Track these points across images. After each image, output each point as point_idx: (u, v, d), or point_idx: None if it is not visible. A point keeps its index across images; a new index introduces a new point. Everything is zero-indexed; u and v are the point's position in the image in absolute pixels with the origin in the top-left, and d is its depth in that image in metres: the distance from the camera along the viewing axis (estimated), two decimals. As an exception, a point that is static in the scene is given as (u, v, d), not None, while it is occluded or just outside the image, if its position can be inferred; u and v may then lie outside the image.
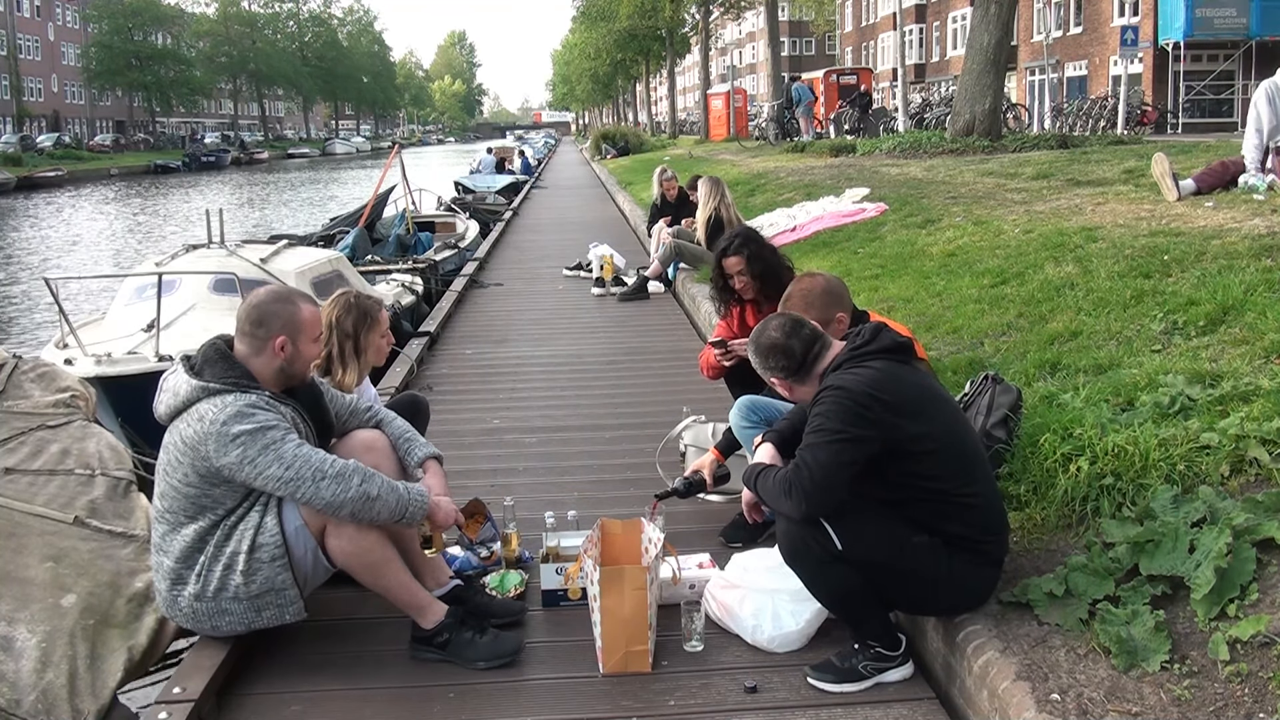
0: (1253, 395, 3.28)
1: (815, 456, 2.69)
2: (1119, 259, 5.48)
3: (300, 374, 3.09)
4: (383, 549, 2.99)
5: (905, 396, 2.72)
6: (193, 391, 2.89)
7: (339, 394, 3.40)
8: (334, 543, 2.94)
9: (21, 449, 3.89)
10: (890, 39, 45.74)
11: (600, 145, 39.71)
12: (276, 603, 2.95)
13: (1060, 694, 2.43)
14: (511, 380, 6.72)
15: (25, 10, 65.98)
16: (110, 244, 23.58)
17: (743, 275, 4.47)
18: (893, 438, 2.69)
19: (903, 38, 22.71)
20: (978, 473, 2.81)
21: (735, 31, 78.77)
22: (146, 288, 7.17)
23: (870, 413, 2.67)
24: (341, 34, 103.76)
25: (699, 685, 2.91)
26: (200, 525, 2.94)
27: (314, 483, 2.84)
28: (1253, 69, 24.88)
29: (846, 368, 2.78)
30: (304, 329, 3.01)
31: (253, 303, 3.02)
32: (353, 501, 2.87)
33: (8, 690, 3.08)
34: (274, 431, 2.84)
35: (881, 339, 2.82)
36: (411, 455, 3.30)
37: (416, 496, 3.01)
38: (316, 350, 3.12)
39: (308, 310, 3.06)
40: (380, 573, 3.00)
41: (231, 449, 2.81)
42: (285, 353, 2.98)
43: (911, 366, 2.85)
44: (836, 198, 10.90)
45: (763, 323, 2.99)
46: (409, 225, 12.74)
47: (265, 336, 2.96)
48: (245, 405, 2.86)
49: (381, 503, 2.91)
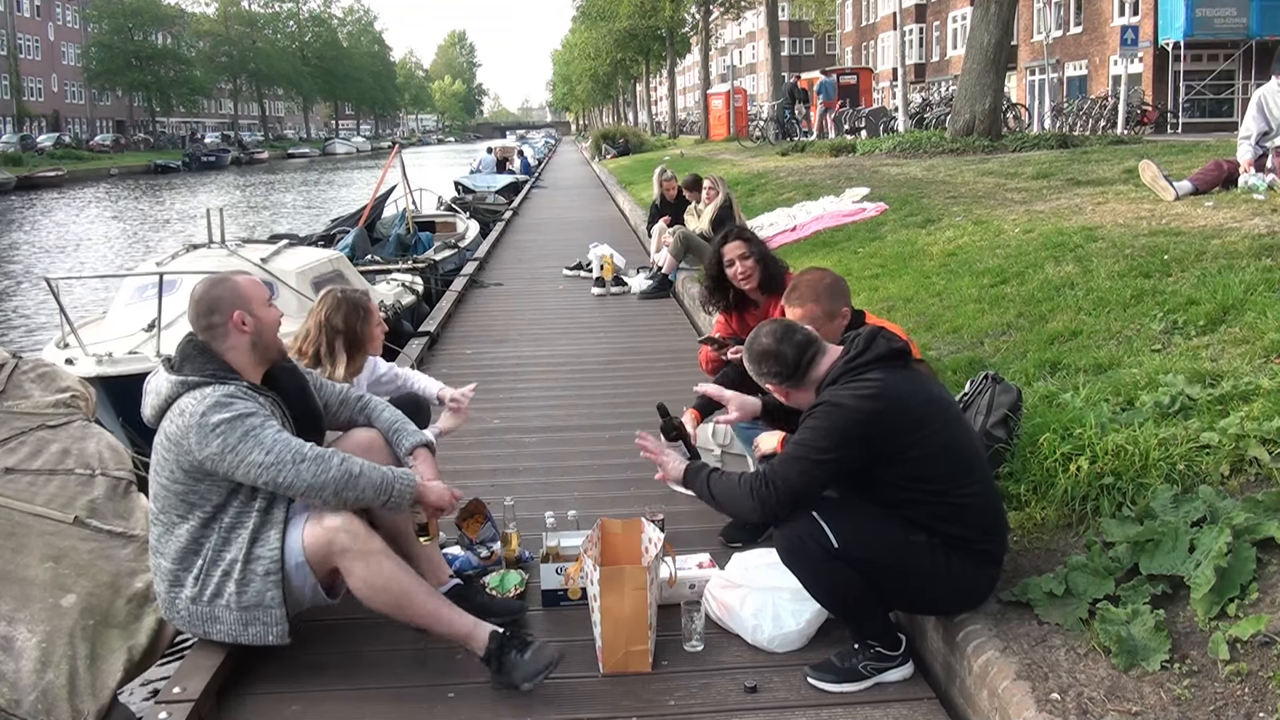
0: (1253, 395, 3.28)
1: (792, 470, 2.72)
2: (1119, 259, 5.48)
3: (272, 344, 3.06)
4: (401, 578, 2.92)
5: (903, 408, 2.72)
6: (173, 387, 2.90)
7: (328, 383, 3.37)
8: (352, 581, 2.91)
9: (21, 449, 3.88)
10: (890, 39, 45.71)
11: (600, 145, 39.72)
12: (263, 620, 2.92)
13: (1060, 693, 2.43)
14: (511, 380, 6.72)
15: (25, 10, 65.97)
16: (111, 244, 23.57)
17: (746, 259, 4.40)
18: (887, 449, 2.69)
19: (903, 38, 22.70)
20: (976, 473, 2.81)
21: (735, 31, 78.77)
22: (147, 287, 7.16)
23: (864, 429, 2.67)
24: (341, 34, 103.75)
25: (699, 685, 2.91)
26: (192, 524, 2.93)
27: (294, 465, 2.83)
28: (1253, 69, 24.88)
29: (843, 382, 2.76)
30: (251, 298, 3.01)
31: (195, 299, 3.02)
32: (335, 481, 2.85)
33: (8, 690, 3.08)
34: (253, 419, 2.84)
35: (876, 346, 2.80)
36: (401, 445, 3.27)
37: (403, 475, 3.00)
38: (273, 314, 3.07)
39: (244, 280, 3.07)
40: (407, 604, 2.92)
41: (212, 439, 2.80)
42: (248, 326, 2.98)
43: (909, 371, 2.84)
44: (836, 197, 10.91)
45: (755, 330, 2.98)
46: (409, 225, 12.73)
47: (223, 320, 2.96)
48: (223, 395, 2.86)
49: (365, 479, 2.89)
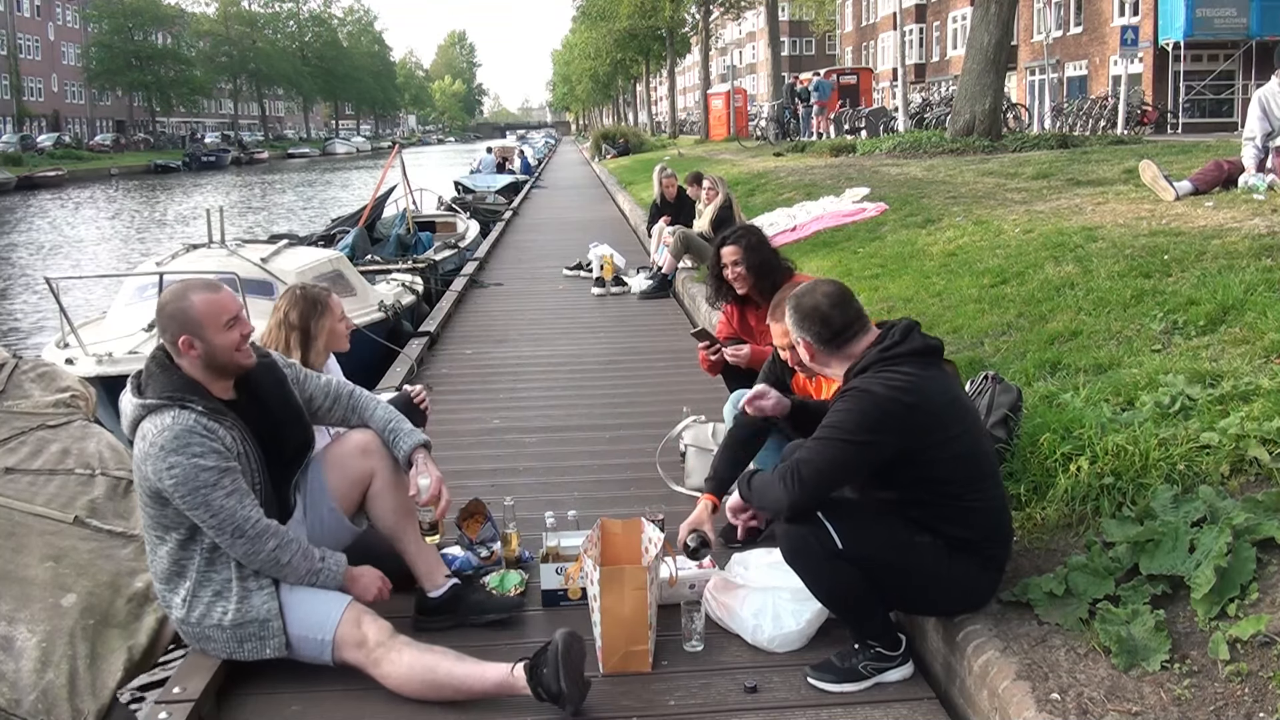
0: (1253, 395, 3.28)
1: (821, 453, 2.69)
2: (1119, 259, 5.48)
3: (228, 363, 2.90)
4: (426, 661, 2.85)
5: (932, 405, 2.70)
6: (135, 410, 2.86)
7: (313, 374, 3.29)
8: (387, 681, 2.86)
9: (22, 449, 3.89)
10: (890, 39, 45.70)
11: (600, 145, 39.71)
12: (259, 634, 2.91)
13: (1060, 694, 2.43)
14: (511, 380, 6.72)
15: (25, 10, 65.96)
16: (111, 244, 23.57)
17: (737, 266, 4.37)
18: (911, 445, 2.67)
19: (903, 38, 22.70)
20: (989, 479, 2.82)
21: (735, 31, 78.75)
22: (147, 287, 7.16)
23: (893, 420, 2.65)
24: (341, 34, 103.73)
25: (699, 685, 2.91)
26: (170, 546, 2.91)
27: (231, 538, 2.83)
28: (1253, 69, 24.88)
29: (876, 370, 2.72)
30: (201, 321, 2.84)
31: (157, 305, 2.96)
32: (262, 564, 2.88)
33: (8, 690, 3.08)
34: (206, 474, 2.77)
35: (912, 340, 2.77)
36: (398, 449, 3.22)
37: (331, 567, 2.99)
38: (231, 338, 2.88)
39: (201, 300, 2.86)
40: (442, 683, 2.83)
41: (166, 477, 2.77)
42: (196, 349, 2.86)
43: (940, 370, 2.82)
44: (836, 197, 10.90)
45: (813, 283, 2.94)
46: (409, 225, 12.72)
47: (171, 340, 2.88)
48: (181, 431, 2.77)
49: (291, 569, 2.91)
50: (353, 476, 3.19)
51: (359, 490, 3.21)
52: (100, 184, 47.03)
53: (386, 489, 3.20)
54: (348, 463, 3.21)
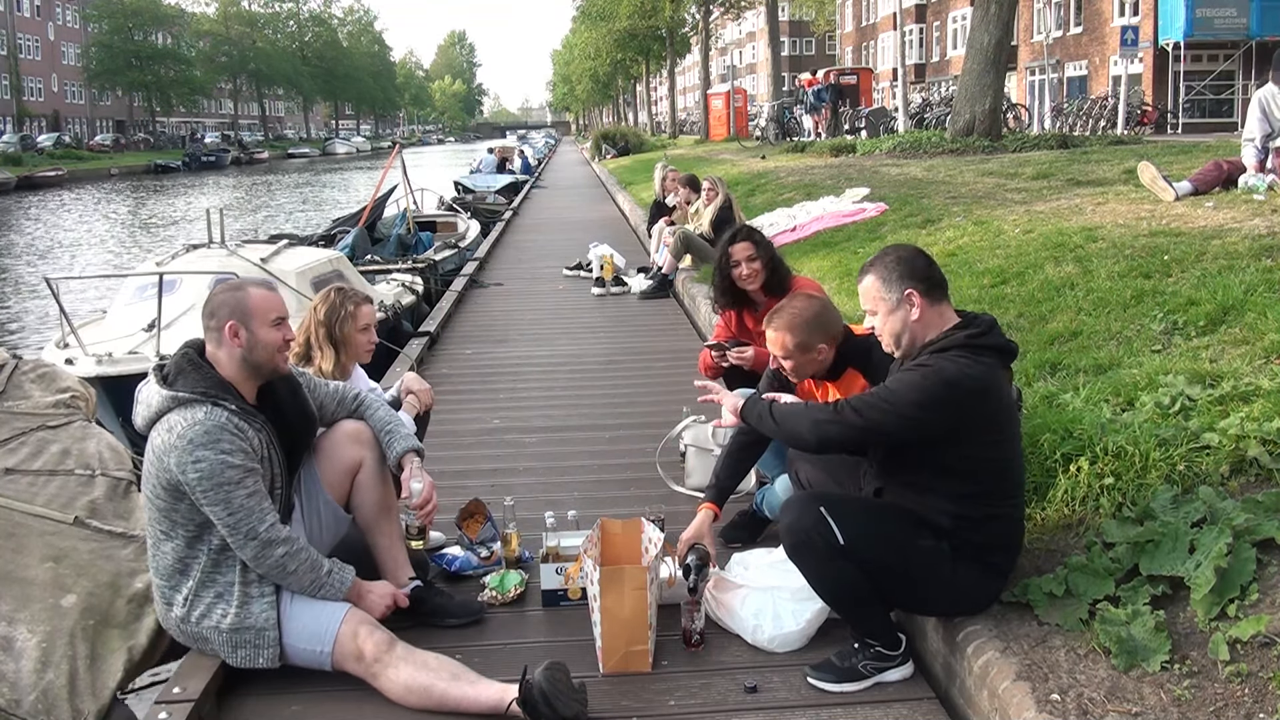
0: (1253, 395, 3.28)
1: (868, 413, 2.72)
2: (1119, 259, 5.48)
3: (265, 361, 2.97)
4: (421, 681, 2.83)
5: (997, 401, 2.74)
6: (164, 402, 2.87)
7: (322, 382, 3.33)
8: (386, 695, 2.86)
9: (22, 449, 3.88)
10: (890, 39, 45.71)
11: (600, 145, 39.72)
12: (254, 642, 2.91)
13: (1060, 694, 2.43)
14: (511, 380, 6.72)
15: (25, 10, 65.97)
16: (111, 244, 23.57)
17: (753, 262, 4.38)
18: (961, 428, 2.69)
19: (903, 38, 22.71)
20: (1016, 492, 2.85)
21: (735, 31, 78.76)
22: (147, 287, 7.17)
23: (953, 405, 2.66)
24: (341, 34, 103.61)
25: (699, 685, 2.91)
26: (176, 543, 2.92)
27: (245, 539, 2.83)
28: (1253, 69, 24.88)
29: (958, 353, 2.70)
30: (253, 313, 2.92)
31: (208, 297, 3.01)
32: (269, 569, 2.88)
33: (8, 690, 3.08)
34: (231, 471, 2.80)
35: (995, 336, 2.79)
36: (390, 450, 3.24)
37: (336, 582, 2.98)
38: (275, 336, 2.96)
39: (257, 295, 2.98)
40: (437, 703, 2.79)
41: (190, 470, 2.78)
42: (240, 338, 2.91)
43: (1008, 372, 2.85)
44: (836, 198, 10.90)
45: (893, 246, 2.98)
46: (410, 225, 12.73)
47: (217, 326, 2.92)
48: (213, 426, 2.80)
49: (295, 578, 2.91)
50: (342, 465, 3.22)
51: (349, 479, 3.23)
52: (100, 184, 47.02)
53: (372, 479, 3.22)
54: (338, 451, 3.23)
